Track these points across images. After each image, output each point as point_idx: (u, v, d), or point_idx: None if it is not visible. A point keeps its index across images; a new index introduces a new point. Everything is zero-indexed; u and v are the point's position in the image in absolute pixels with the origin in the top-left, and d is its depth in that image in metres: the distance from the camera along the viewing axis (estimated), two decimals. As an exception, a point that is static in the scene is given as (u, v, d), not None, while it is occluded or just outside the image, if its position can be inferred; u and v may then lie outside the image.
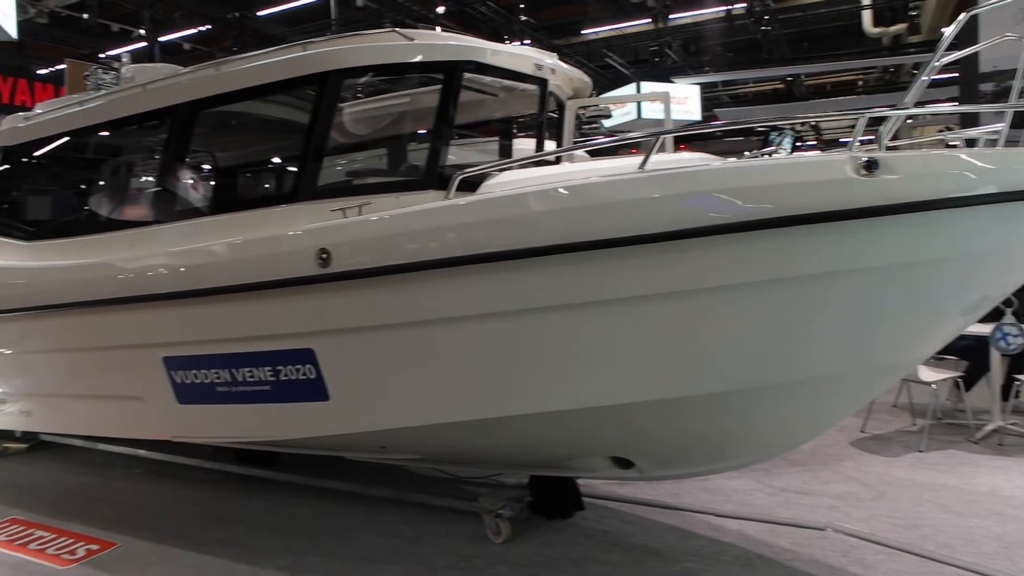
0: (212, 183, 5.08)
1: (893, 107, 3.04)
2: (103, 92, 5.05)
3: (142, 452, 5.88)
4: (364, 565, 3.98)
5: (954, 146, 3.85)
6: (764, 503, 4.70)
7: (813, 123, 23.95)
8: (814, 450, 5.60)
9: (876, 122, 3.11)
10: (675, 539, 4.19)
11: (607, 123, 14.31)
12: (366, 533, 4.39)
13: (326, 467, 5.08)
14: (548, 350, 3.32)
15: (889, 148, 2.99)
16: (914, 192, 2.80)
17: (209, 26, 17.49)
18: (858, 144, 2.96)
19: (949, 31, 2.88)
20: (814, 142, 28.25)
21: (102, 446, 6.08)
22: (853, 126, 3.19)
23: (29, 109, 5.94)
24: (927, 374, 6.01)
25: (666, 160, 3.41)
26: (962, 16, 2.85)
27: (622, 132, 14.99)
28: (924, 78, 2.93)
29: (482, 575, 3.83)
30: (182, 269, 4.06)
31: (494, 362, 3.41)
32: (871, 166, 2.80)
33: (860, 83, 22.77)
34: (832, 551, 4.00)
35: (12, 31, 8.11)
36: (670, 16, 17.49)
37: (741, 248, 2.95)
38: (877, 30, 16.93)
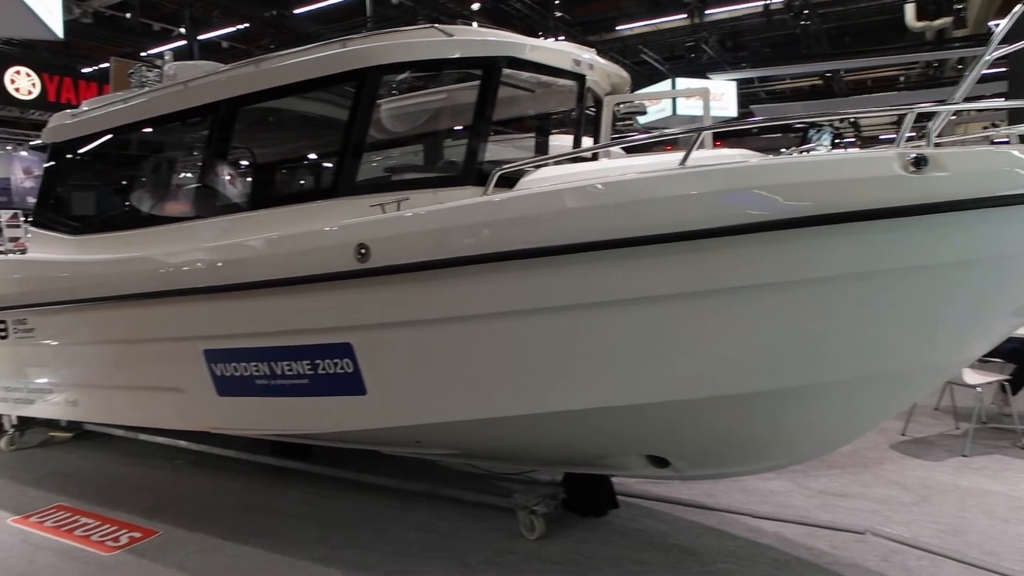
0: (252, 179, 5.16)
1: (943, 102, 2.97)
2: (147, 89, 5.15)
3: (182, 443, 6.00)
4: (398, 559, 4.01)
5: (1005, 142, 3.74)
6: (802, 505, 4.63)
7: (852, 120, 23.50)
8: (853, 453, 5.50)
9: (918, 118, 3.04)
10: (711, 539, 4.15)
11: (642, 119, 14.22)
12: (400, 527, 4.42)
13: (360, 460, 5.12)
14: (585, 347, 3.31)
15: (935, 145, 2.92)
16: (965, 190, 2.74)
17: (247, 24, 17.73)
18: (905, 140, 2.90)
19: (1002, 25, 2.79)
20: (853, 139, 27.74)
21: (143, 436, 6.22)
22: (894, 123, 3.13)
23: (75, 106, 6.07)
24: (972, 376, 5.86)
25: (707, 156, 3.37)
26: (1017, 8, 2.76)
27: (657, 128, 14.88)
28: (976, 72, 2.85)
29: (516, 571, 3.83)
30: (223, 263, 4.13)
31: (532, 359, 3.40)
32: (920, 163, 2.74)
33: (902, 79, 22.27)
34: (872, 556, 3.93)
35: (59, 31, 8.29)
36: (706, 11, 17.30)
37: (782, 246, 2.90)
38: (920, 24, 16.52)
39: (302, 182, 5.64)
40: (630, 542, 4.12)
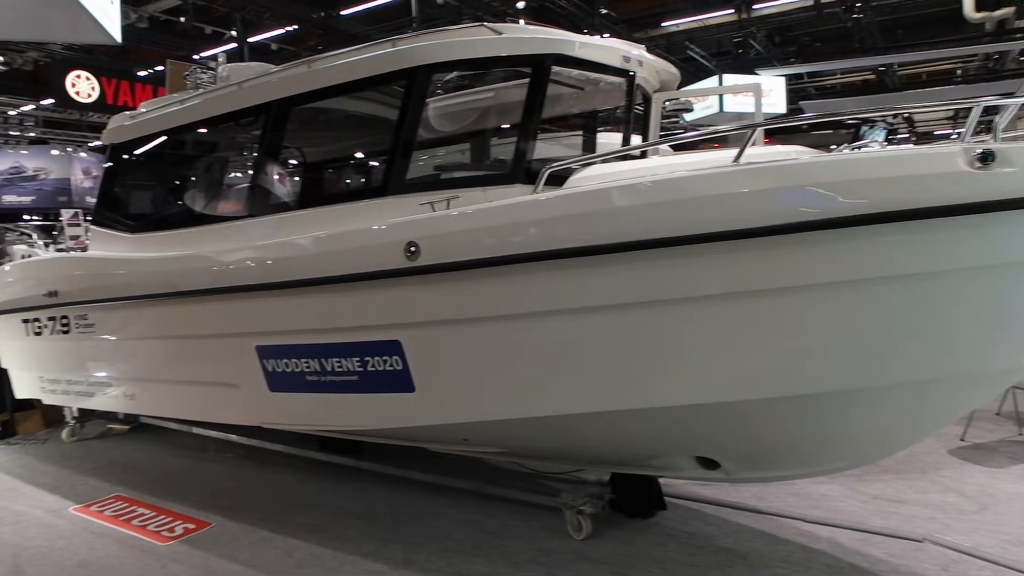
0: (304, 178, 5.23)
1: (1010, 95, 2.86)
2: (201, 91, 5.26)
3: (233, 437, 6.13)
4: (446, 555, 4.03)
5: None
6: (855, 511, 4.51)
7: (906, 115, 22.81)
8: (909, 458, 5.34)
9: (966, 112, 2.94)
10: (762, 544, 4.07)
11: (688, 116, 14.04)
12: (447, 524, 4.45)
13: (407, 457, 5.16)
14: (634, 347, 3.27)
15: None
16: None
17: (295, 26, 18.02)
18: (970, 136, 2.81)
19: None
20: (907, 135, 26.94)
21: (197, 430, 6.37)
22: (950, 118, 3.03)
23: (132, 109, 6.24)
24: (1036, 381, 5.65)
25: (759, 153, 3.31)
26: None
27: (704, 126, 14.68)
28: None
29: (564, 571, 3.81)
30: (273, 261, 4.20)
31: (579, 358, 3.38)
32: (987, 158, 2.65)
33: (959, 72, 21.55)
34: (931, 564, 3.81)
35: (117, 36, 8.54)
36: (754, 6, 16.96)
37: (842, 245, 2.84)
38: (980, 15, 15.92)
39: (352, 181, 5.70)
40: (679, 544, 4.07)
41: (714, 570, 3.79)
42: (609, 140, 4.89)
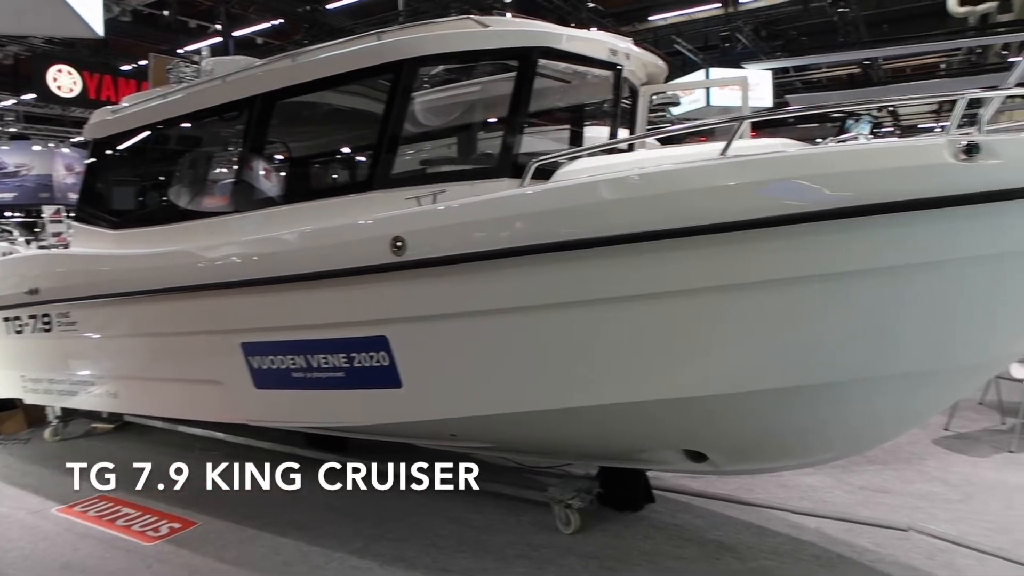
0: (289, 172, 5.17)
1: (995, 88, 2.87)
2: (184, 85, 5.20)
3: (219, 435, 6.07)
4: (434, 552, 4.02)
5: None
6: (842, 501, 4.54)
7: (891, 108, 22.94)
8: (894, 448, 5.38)
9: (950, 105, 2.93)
10: (750, 536, 4.09)
11: (675, 110, 14.06)
12: (435, 520, 4.43)
13: (395, 453, 5.12)
14: (621, 341, 3.27)
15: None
16: (1020, 178, 2.64)
17: (281, 20, 17.88)
18: (955, 128, 2.81)
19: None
20: (891, 128, 27.11)
21: (182, 428, 6.31)
22: (934, 111, 3.03)
23: (115, 103, 6.15)
24: (1019, 370, 5.71)
25: (746, 146, 3.30)
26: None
27: (692, 119, 14.69)
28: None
29: (552, 566, 3.81)
30: (259, 257, 4.15)
31: (568, 352, 3.37)
32: (971, 150, 2.65)
33: (943, 66, 21.69)
34: (916, 553, 3.84)
35: (99, 29, 8.42)
36: (741, 0, 17.01)
37: (828, 238, 2.84)
38: (963, 9, 16.01)
39: (338, 175, 5.66)
40: (667, 537, 4.08)
41: (702, 562, 3.80)
42: (596, 134, 4.87)
